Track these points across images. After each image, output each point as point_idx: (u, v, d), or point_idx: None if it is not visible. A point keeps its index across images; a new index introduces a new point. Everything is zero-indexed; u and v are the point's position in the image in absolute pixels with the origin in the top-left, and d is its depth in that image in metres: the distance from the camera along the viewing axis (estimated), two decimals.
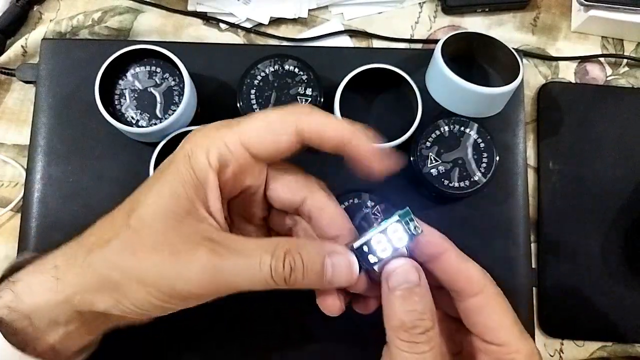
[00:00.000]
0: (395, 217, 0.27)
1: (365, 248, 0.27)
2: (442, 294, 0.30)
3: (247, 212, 0.30)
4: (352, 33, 0.49)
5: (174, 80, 0.41)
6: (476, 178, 0.41)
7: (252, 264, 0.24)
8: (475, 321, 0.28)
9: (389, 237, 0.27)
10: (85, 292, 0.26)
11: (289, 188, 0.29)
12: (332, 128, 0.27)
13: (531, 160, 0.47)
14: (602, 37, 0.50)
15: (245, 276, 0.24)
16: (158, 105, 0.41)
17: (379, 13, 0.49)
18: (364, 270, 0.28)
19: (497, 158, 0.41)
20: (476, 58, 0.46)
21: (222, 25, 0.48)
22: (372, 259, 0.27)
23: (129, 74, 0.41)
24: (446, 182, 0.40)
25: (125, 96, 0.41)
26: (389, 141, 0.40)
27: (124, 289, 0.25)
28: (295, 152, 0.28)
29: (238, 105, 0.41)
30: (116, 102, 0.41)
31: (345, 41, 0.49)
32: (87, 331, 0.28)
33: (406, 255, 0.28)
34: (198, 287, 0.24)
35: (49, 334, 0.27)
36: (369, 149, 0.27)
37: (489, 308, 0.28)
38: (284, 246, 0.25)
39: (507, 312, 0.28)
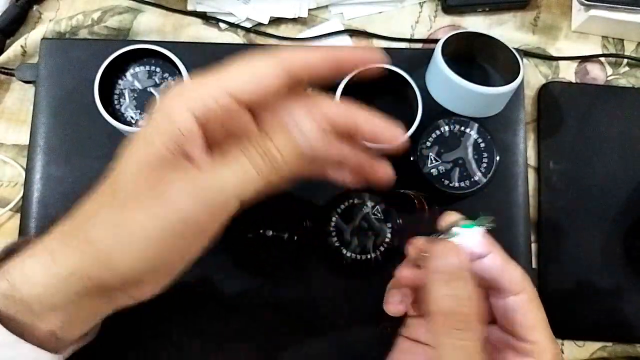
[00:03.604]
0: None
1: None
2: None
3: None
4: (352, 33, 0.49)
5: (173, 80, 0.41)
6: (476, 178, 0.40)
7: (234, 169, 0.24)
8: (511, 319, 0.29)
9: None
10: (82, 270, 0.25)
11: None
12: (318, 57, 0.26)
13: (531, 160, 0.47)
14: (603, 36, 0.50)
15: (233, 183, 0.25)
16: None
17: (379, 13, 0.49)
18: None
19: (498, 158, 0.41)
20: (476, 58, 0.46)
21: (222, 25, 0.48)
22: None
23: (128, 74, 0.41)
24: (446, 182, 0.40)
25: (124, 96, 0.41)
26: None
27: (117, 256, 0.25)
28: (285, 90, 0.27)
29: None
30: (116, 102, 0.40)
31: (345, 41, 0.49)
32: (87, 316, 0.28)
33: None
34: (188, 214, 0.24)
35: (48, 319, 0.26)
36: (360, 59, 0.27)
37: (526, 308, 0.29)
38: (256, 139, 0.25)
39: (542, 315, 0.29)
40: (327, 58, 0.27)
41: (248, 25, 0.48)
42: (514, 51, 0.43)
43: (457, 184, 0.40)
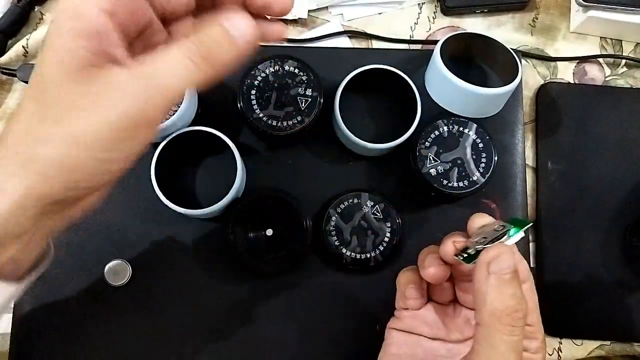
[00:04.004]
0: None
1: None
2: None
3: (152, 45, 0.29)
4: (352, 34, 0.49)
5: None
6: (475, 178, 0.41)
7: (170, 64, 0.24)
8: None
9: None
10: (36, 193, 0.24)
11: None
12: None
13: (530, 160, 0.47)
14: (601, 37, 0.50)
15: (171, 76, 0.24)
16: None
17: (379, 14, 0.50)
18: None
19: (496, 158, 0.41)
20: (475, 59, 0.46)
21: None
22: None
23: None
24: (445, 182, 0.41)
25: None
26: (388, 141, 0.40)
27: (71, 168, 0.24)
28: None
29: (238, 105, 0.41)
30: None
31: (344, 42, 0.49)
32: (43, 235, 0.27)
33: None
34: (130, 114, 0.24)
35: (8, 247, 0.26)
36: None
37: (529, 294, 0.29)
38: (189, 36, 0.25)
39: (537, 301, 0.30)
40: None
41: None
42: (512, 52, 0.43)
43: (455, 184, 0.41)
